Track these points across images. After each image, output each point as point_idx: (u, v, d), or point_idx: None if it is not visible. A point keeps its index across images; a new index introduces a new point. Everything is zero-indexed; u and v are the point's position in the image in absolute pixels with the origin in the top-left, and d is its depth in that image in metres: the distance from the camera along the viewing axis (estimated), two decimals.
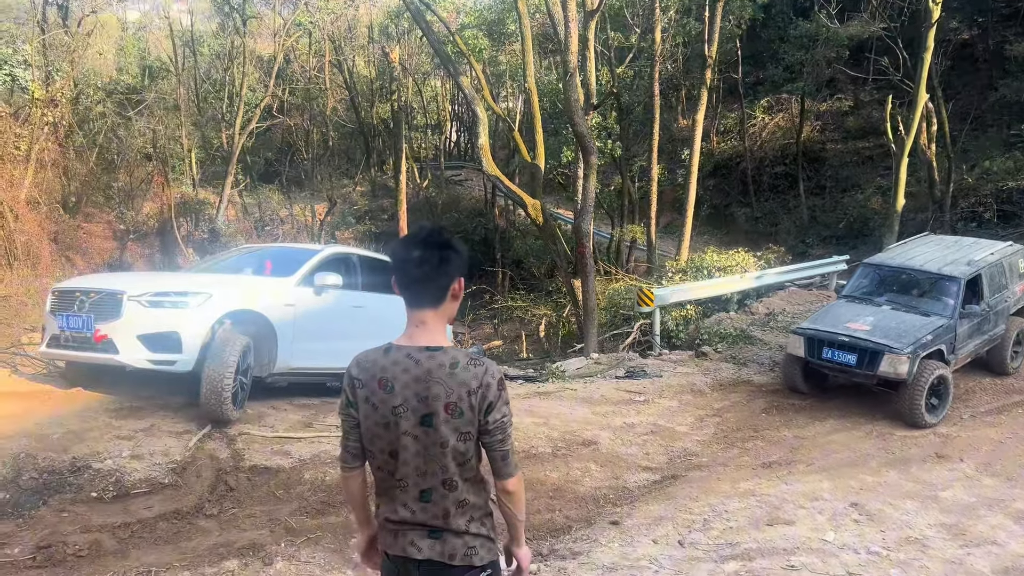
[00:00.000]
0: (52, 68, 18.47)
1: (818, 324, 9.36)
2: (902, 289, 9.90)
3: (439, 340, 2.30)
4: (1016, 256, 10.45)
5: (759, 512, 6.40)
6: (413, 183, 27.74)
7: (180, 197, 22.62)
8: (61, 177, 18.96)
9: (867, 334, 8.67)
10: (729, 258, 15.61)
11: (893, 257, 10.49)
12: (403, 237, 2.36)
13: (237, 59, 26.32)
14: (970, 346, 9.42)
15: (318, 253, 8.49)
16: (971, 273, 9.36)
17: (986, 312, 9.50)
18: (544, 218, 14.65)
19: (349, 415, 2.32)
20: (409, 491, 2.29)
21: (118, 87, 24.29)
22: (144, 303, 6.73)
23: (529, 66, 15.45)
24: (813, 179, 26.87)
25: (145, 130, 21.95)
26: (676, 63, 26.39)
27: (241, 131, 23.46)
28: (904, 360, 8.30)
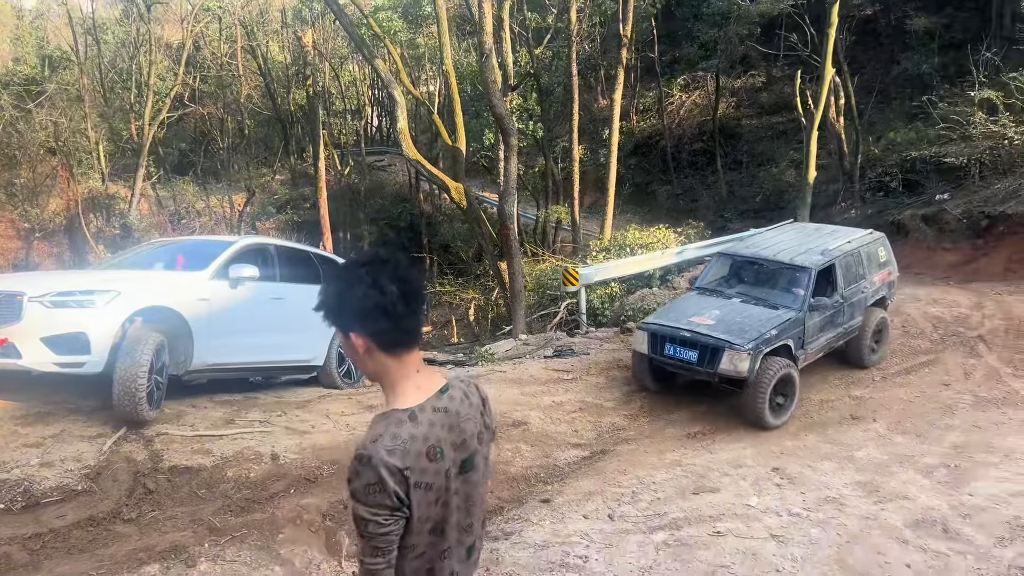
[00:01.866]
0: None
1: (662, 318, 8.66)
2: (754, 281, 9.31)
3: (436, 374, 2.07)
4: (875, 245, 9.76)
5: (685, 482, 6.55)
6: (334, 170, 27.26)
7: (88, 192, 21.68)
8: None
9: (709, 329, 8.01)
10: (651, 235, 15.88)
11: (747, 246, 9.86)
12: (369, 275, 1.90)
13: (143, 47, 25.30)
14: (822, 340, 8.73)
15: (232, 245, 8.23)
16: (823, 263, 8.69)
17: (840, 304, 8.88)
18: (468, 202, 14.60)
19: (397, 519, 1.88)
20: (454, 555, 2.04)
21: (15, 78, 23.06)
22: (47, 304, 6.41)
23: (445, 48, 15.31)
24: (730, 155, 27.51)
25: (47, 123, 20.92)
26: (593, 43, 26.57)
27: (151, 122, 22.62)
28: (745, 357, 7.61)
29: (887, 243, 10.07)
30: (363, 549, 1.89)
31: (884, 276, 9.75)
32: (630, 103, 29.36)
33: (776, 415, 7.93)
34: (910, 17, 22.60)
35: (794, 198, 19.83)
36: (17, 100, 20.93)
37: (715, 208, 25.38)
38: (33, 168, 20.98)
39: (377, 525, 1.84)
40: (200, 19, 26.53)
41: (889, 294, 10.06)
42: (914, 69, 22.70)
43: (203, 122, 29.22)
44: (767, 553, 5.27)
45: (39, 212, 20.40)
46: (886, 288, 9.87)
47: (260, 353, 8.19)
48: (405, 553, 1.92)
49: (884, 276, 9.75)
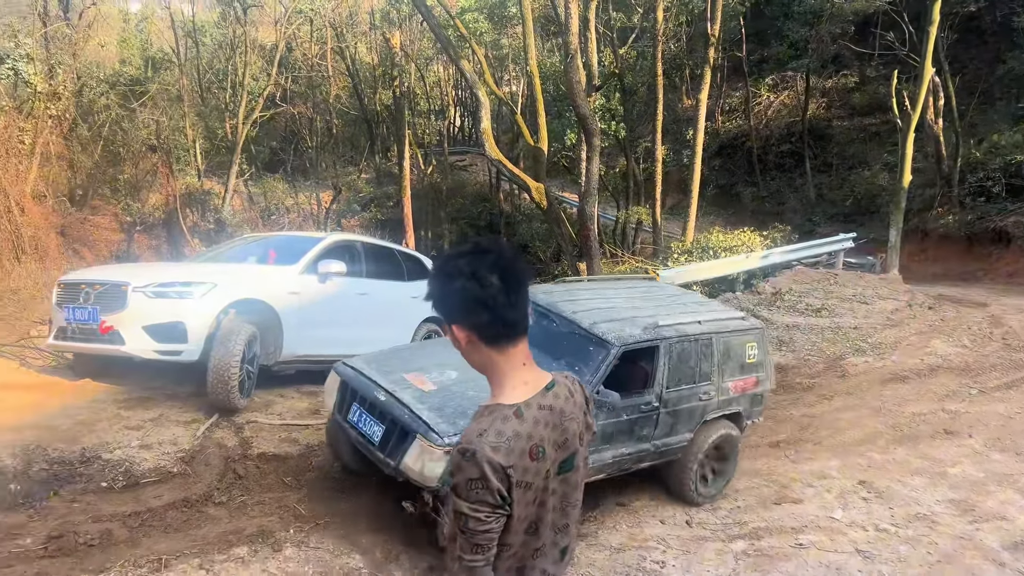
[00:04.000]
0: (54, 61, 18.46)
1: (372, 362, 5.99)
2: (540, 342, 6.11)
3: (541, 370, 2.00)
4: (742, 337, 6.68)
5: (766, 491, 6.42)
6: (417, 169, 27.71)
7: (185, 188, 22.64)
8: (67, 170, 18.99)
9: (417, 397, 5.31)
10: (735, 238, 15.56)
11: (553, 292, 7.01)
12: (469, 266, 1.85)
13: (239, 48, 26.24)
14: (606, 455, 5.71)
15: (321, 241, 8.50)
16: (637, 342, 5.86)
17: (651, 409, 5.95)
18: (548, 202, 14.61)
19: (498, 516, 1.83)
20: (548, 555, 1.99)
21: (121, 79, 24.26)
22: (149, 294, 6.76)
23: (531, 49, 15.36)
24: (819, 157, 26.71)
25: (149, 121, 21.93)
26: (679, 42, 26.20)
27: (245, 121, 23.43)
28: (440, 456, 4.76)
29: (764, 339, 7.00)
30: (462, 545, 1.84)
31: (746, 384, 6.71)
32: (716, 103, 28.85)
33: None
34: (1017, 14, 21.45)
35: (887, 202, 19.09)
36: (122, 100, 21.99)
37: (803, 212, 24.70)
38: (135, 164, 22.02)
39: (478, 522, 1.79)
40: (293, 21, 27.37)
41: (750, 410, 6.84)
42: (1021, 69, 21.54)
43: (293, 121, 30.11)
44: (852, 568, 5.12)
45: (140, 206, 21.40)
46: (746, 401, 6.74)
47: (346, 346, 8.39)
48: (499, 551, 1.88)
49: (746, 384, 6.71)
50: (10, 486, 5.37)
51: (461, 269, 1.85)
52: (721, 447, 6.65)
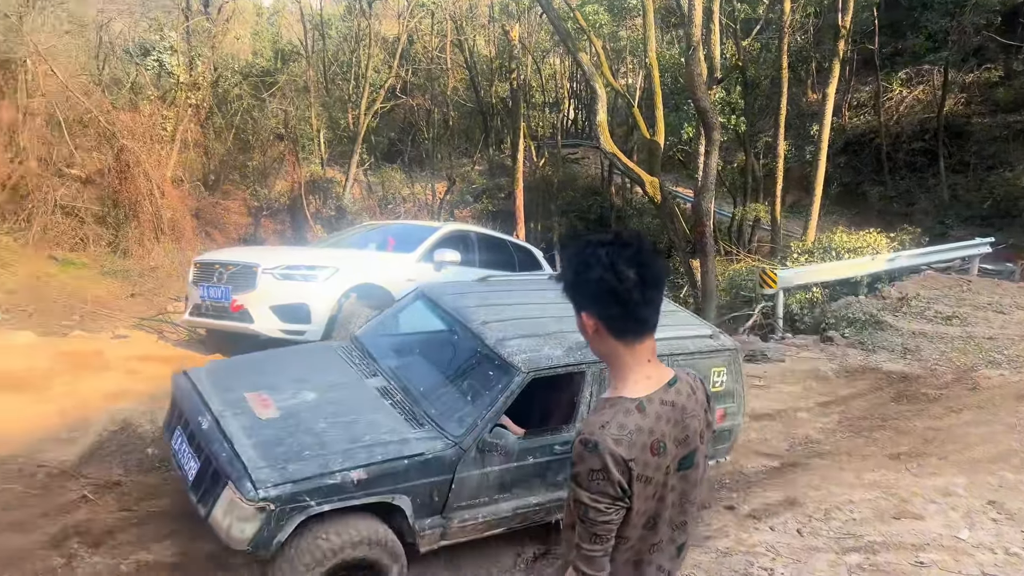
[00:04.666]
0: (195, 53, 19.64)
1: (217, 374, 5.05)
2: (436, 356, 5.32)
3: (664, 366, 1.99)
4: (707, 358, 5.51)
5: (885, 505, 6.13)
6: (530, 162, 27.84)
7: (309, 176, 23.62)
8: (202, 156, 20.20)
9: (248, 430, 4.24)
10: (860, 239, 14.87)
11: (471, 294, 5.69)
12: (608, 257, 1.82)
13: (363, 41, 27.12)
14: (503, 507, 4.70)
15: (438, 230, 8.70)
16: (555, 367, 4.69)
17: (569, 450, 4.52)
18: (662, 196, 14.40)
19: (618, 508, 1.83)
20: (665, 551, 1.99)
21: (253, 70, 25.54)
22: (277, 276, 7.13)
23: (651, 40, 15.15)
24: (955, 156, 25.09)
25: (278, 111, 23.00)
26: (806, 34, 25.18)
27: (366, 111, 24.20)
28: (251, 514, 3.76)
29: (738, 364, 5.74)
30: (580, 534, 1.84)
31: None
32: (843, 98, 27.56)
33: None
34: None
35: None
36: (254, 90, 23.15)
37: (934, 213, 23.30)
38: (264, 152, 23.17)
39: (598, 512, 1.80)
40: (415, 15, 28.03)
41: (713, 448, 5.64)
42: None
43: (411, 113, 30.84)
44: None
45: (267, 192, 22.51)
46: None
47: None
48: (617, 543, 1.88)
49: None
50: (148, 450, 5.77)
51: (600, 259, 1.83)
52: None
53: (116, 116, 15.15)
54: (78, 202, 14.60)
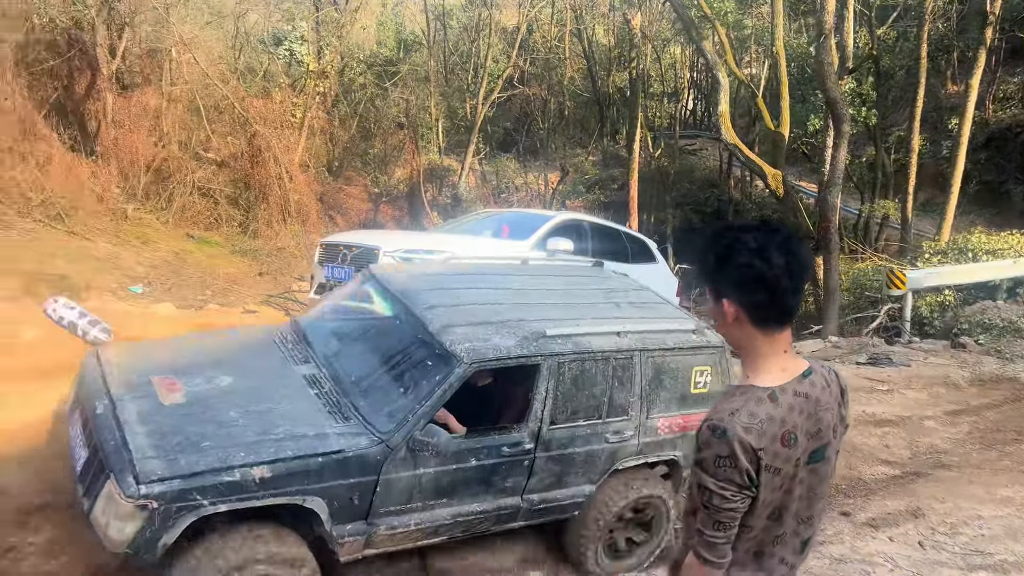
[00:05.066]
0: (323, 43, 20.42)
1: (128, 354, 4.60)
2: (373, 343, 4.73)
3: (799, 357, 1.95)
4: (688, 356, 4.96)
5: (1019, 523, 5.74)
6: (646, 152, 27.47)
7: (427, 164, 24.16)
8: (327, 143, 21.02)
9: (143, 415, 3.79)
10: (1001, 240, 13.87)
11: (422, 276, 5.39)
12: (756, 242, 1.80)
13: (483, 31, 27.44)
14: (440, 515, 4.19)
15: (552, 219, 8.74)
16: (504, 358, 4.21)
17: (522, 452, 4.35)
18: (785, 190, 13.92)
19: (744, 497, 1.80)
20: (788, 544, 1.95)
21: (377, 60, 26.28)
22: (396, 258, 7.35)
23: (778, 28, 14.64)
24: None
25: (399, 100, 23.63)
26: (948, 21, 23.63)
27: (484, 101, 24.49)
28: (129, 512, 3.30)
29: (725, 363, 5.13)
30: (703, 520, 1.82)
31: (688, 422, 4.97)
32: (987, 89, 25.71)
33: None
34: None
35: None
36: (377, 79, 23.85)
37: None
38: (384, 140, 23.87)
39: (722, 499, 1.78)
40: (535, 4, 28.10)
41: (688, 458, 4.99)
42: None
43: (527, 103, 30.96)
44: None
45: (386, 179, 23.20)
46: (686, 444, 5.02)
47: None
48: (740, 532, 1.85)
49: (688, 422, 4.97)
50: None
51: (747, 244, 1.80)
52: (643, 510, 4.93)
53: (250, 103, 15.97)
54: (213, 184, 15.50)
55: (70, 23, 13.94)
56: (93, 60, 14.19)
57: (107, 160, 14.03)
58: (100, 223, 12.40)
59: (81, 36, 14.19)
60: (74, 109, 14.93)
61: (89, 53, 14.25)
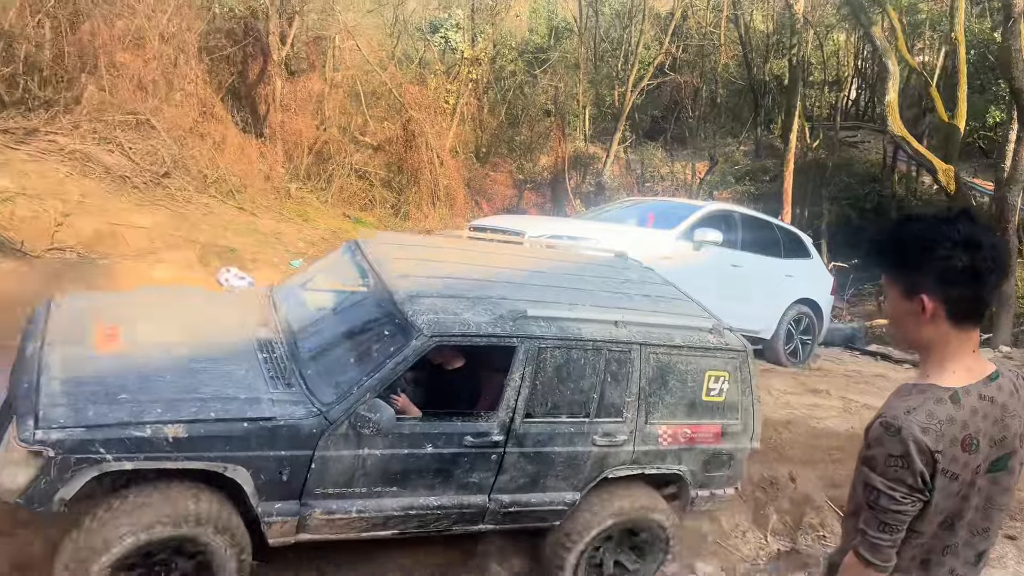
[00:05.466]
0: (477, 30, 20.82)
1: (85, 299, 4.66)
2: (349, 314, 4.38)
3: (985, 359, 1.85)
4: (700, 357, 4.49)
5: None
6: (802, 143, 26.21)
7: (573, 151, 24.15)
8: (476, 129, 21.44)
9: (65, 362, 3.63)
10: None
11: (409, 246, 5.15)
12: (961, 234, 1.69)
13: (636, 17, 27.03)
14: (390, 503, 3.87)
15: (701, 208, 8.54)
16: (472, 335, 3.89)
17: (489, 444, 3.96)
18: (957, 187, 12.91)
19: (915, 500, 1.72)
20: (960, 555, 1.86)
21: (528, 47, 26.51)
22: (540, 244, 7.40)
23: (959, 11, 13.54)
24: None
25: (548, 87, 23.74)
26: None
27: (632, 88, 24.17)
28: (22, 458, 3.14)
29: (748, 371, 4.66)
30: (867, 519, 1.75)
31: (696, 433, 4.51)
32: None
33: None
34: None
35: None
36: (527, 66, 24.06)
37: None
38: (531, 127, 24.07)
39: (891, 500, 1.70)
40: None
41: (703, 477, 4.68)
42: None
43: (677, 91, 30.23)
44: None
45: (531, 166, 23.41)
46: (694, 460, 4.58)
47: None
48: (907, 536, 1.77)
49: (696, 433, 4.51)
50: None
51: (950, 235, 1.69)
52: (637, 532, 4.41)
53: (406, 89, 16.55)
54: (369, 167, 16.22)
55: (247, 12, 14.92)
56: (265, 47, 15.14)
57: (274, 142, 14.95)
58: (266, 200, 13.24)
59: (256, 25, 15.17)
60: (246, 94, 16.00)
61: (262, 41, 15.21)
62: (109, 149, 11.78)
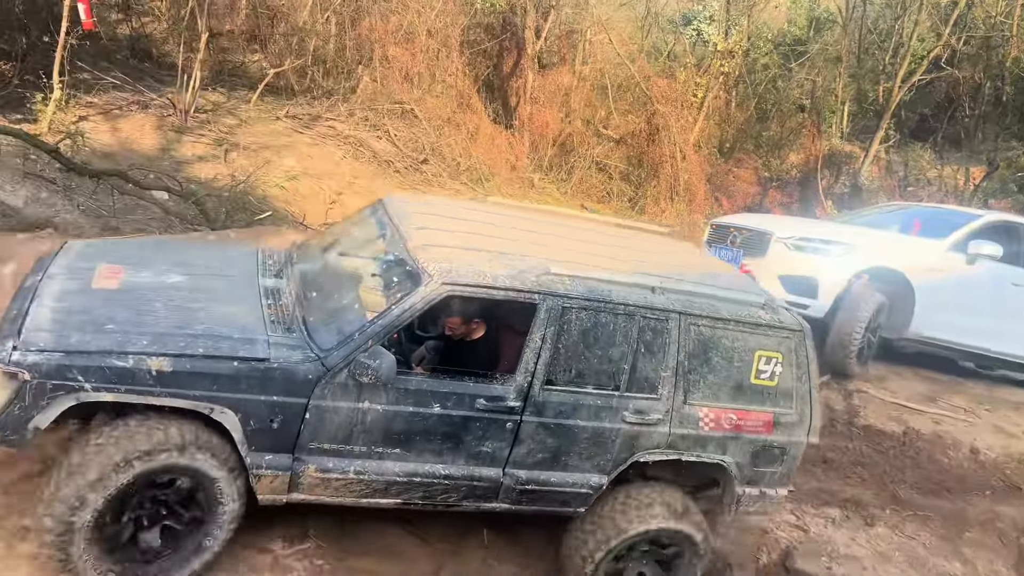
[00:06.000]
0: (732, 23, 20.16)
1: (96, 247, 4.43)
2: (361, 265, 4.08)
3: None
4: (748, 334, 3.98)
5: None
6: None
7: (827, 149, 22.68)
8: (722, 124, 20.81)
9: (60, 295, 3.51)
10: None
11: (433, 205, 4.79)
12: None
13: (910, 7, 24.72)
14: (392, 467, 3.57)
15: (980, 218, 7.69)
16: (487, 286, 3.54)
17: (504, 410, 3.60)
18: None
19: None
20: None
21: (785, 39, 25.21)
22: (789, 245, 7.08)
23: None
24: None
25: (803, 81, 22.47)
26: None
27: (901, 84, 22.19)
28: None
29: (805, 353, 4.12)
30: None
31: (744, 420, 4.02)
32: None
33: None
34: None
35: None
36: (782, 59, 22.92)
37: None
38: (782, 123, 22.89)
39: None
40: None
41: (752, 471, 4.15)
42: None
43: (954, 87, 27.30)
44: None
45: (778, 163, 22.29)
46: (742, 451, 4.08)
47: (981, 338, 7.52)
48: None
49: (744, 420, 4.02)
50: None
51: None
52: (666, 542, 3.97)
53: (654, 82, 16.44)
54: (610, 160, 16.33)
55: (506, 8, 15.60)
56: (520, 41, 15.74)
57: (521, 133, 15.53)
58: (510, 189, 13.81)
59: (513, 20, 15.81)
60: (499, 86, 16.75)
61: (518, 35, 15.83)
62: (378, 136, 12.93)
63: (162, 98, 10.83)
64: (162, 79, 11.61)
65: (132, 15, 12.71)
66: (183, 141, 10.32)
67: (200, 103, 11.14)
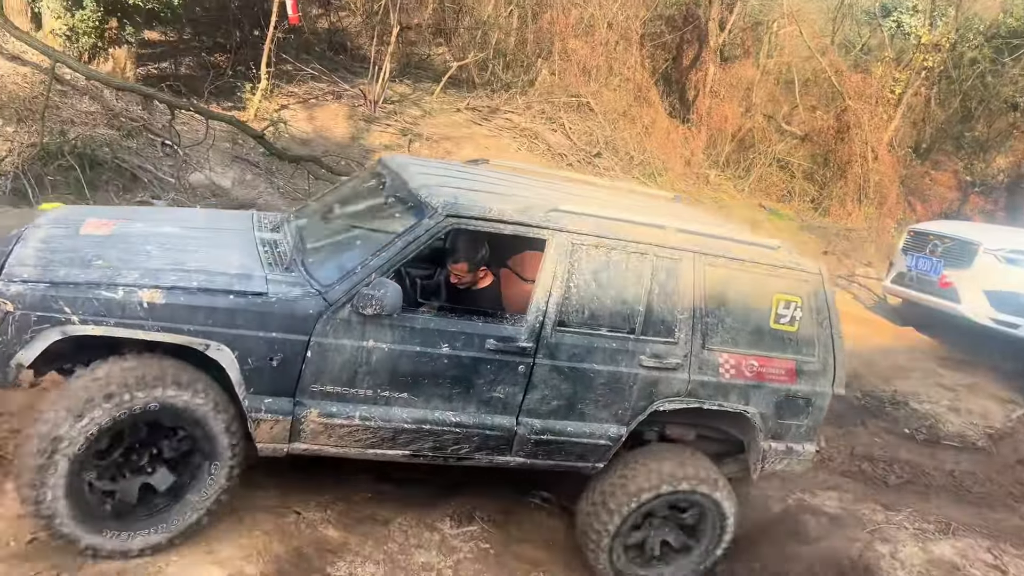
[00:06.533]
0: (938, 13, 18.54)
1: (107, 211, 4.25)
2: (363, 217, 3.81)
3: None
4: (765, 278, 3.73)
5: None
6: None
7: None
8: (919, 122, 19.25)
9: (50, 239, 3.27)
10: None
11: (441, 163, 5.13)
12: None
13: None
14: (400, 414, 3.32)
15: None
16: (493, 219, 3.35)
17: (516, 351, 3.35)
18: None
19: None
20: None
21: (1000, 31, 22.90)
22: (1000, 258, 6.46)
23: None
24: None
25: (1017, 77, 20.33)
26: None
27: None
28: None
29: (825, 300, 3.87)
30: None
31: (765, 367, 3.73)
32: None
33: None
34: None
35: None
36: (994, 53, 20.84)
37: None
38: (989, 123, 20.88)
39: None
40: None
41: (777, 424, 3.85)
42: None
43: None
44: None
45: (983, 167, 20.36)
46: (764, 400, 3.77)
47: None
48: None
49: (765, 367, 3.73)
50: None
51: None
52: (684, 505, 3.81)
53: (846, 77, 15.47)
54: (792, 158, 15.53)
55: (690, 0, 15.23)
56: (702, 34, 15.30)
57: (698, 127, 15.11)
58: (684, 184, 13.48)
59: (696, 11, 15.39)
60: (678, 79, 16.39)
61: (700, 28, 15.39)
62: (553, 128, 13.03)
63: (354, 89, 11.47)
64: (355, 71, 12.31)
65: (331, 9, 13.53)
66: (371, 130, 10.88)
67: (388, 94, 11.69)
